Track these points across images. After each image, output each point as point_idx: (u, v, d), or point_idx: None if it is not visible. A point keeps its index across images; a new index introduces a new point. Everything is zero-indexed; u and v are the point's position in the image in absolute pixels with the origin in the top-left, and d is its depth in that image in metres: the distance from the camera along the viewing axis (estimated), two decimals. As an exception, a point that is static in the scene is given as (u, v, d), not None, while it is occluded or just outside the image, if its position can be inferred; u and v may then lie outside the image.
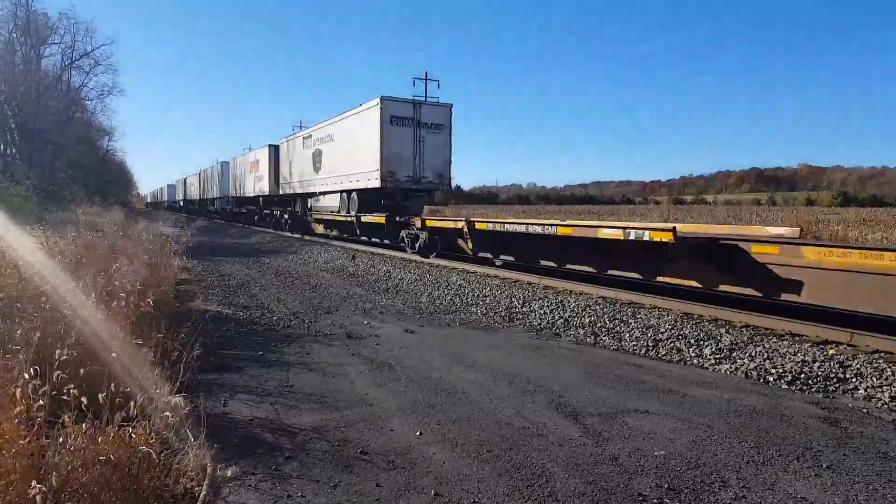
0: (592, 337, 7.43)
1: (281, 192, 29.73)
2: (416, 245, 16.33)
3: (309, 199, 26.47)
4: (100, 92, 48.34)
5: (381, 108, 17.74)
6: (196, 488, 3.36)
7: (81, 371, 3.59)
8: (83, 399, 3.17)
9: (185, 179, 65.62)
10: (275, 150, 30.46)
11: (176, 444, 3.68)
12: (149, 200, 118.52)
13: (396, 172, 17.95)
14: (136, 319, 5.45)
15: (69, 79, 46.19)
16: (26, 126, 39.69)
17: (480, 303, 9.76)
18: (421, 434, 4.24)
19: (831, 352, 6.36)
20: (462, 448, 4.01)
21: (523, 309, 9.16)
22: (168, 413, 3.59)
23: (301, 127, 30.02)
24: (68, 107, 45.09)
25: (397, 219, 17.48)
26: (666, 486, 3.47)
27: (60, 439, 3.09)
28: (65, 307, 5.12)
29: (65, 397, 3.22)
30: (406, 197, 18.81)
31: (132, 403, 3.39)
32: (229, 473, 3.58)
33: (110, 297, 5.62)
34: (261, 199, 33.69)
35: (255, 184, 33.58)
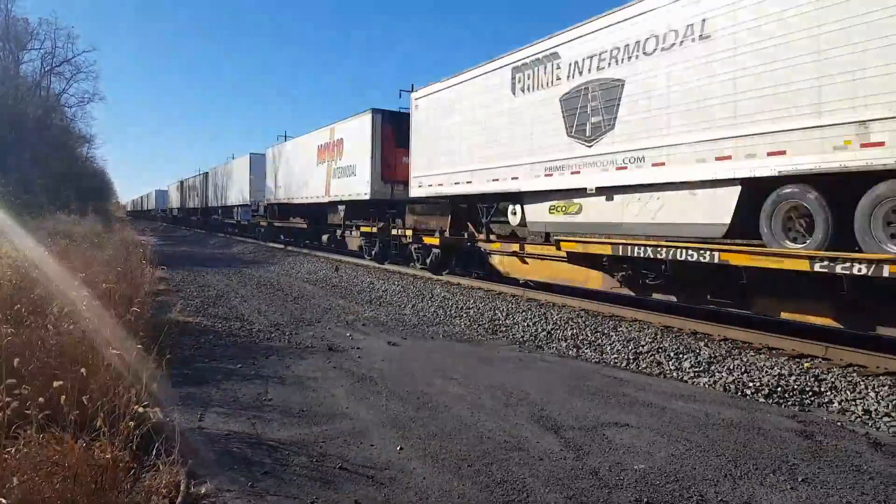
0: (575, 349, 7.46)
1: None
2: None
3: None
4: (80, 99, 47.82)
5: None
6: (169, 506, 3.30)
7: (55, 384, 3.52)
8: (46, 412, 3.11)
9: (182, 182, 55.17)
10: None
11: (148, 460, 3.61)
12: (130, 209, 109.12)
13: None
14: (108, 331, 5.35)
15: (48, 85, 45.67)
16: (3, 132, 39.06)
17: (464, 315, 9.75)
18: (402, 449, 4.22)
19: (807, 365, 6.45)
20: (443, 463, 3.99)
21: (507, 321, 9.17)
22: (140, 427, 3.53)
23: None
24: (47, 113, 44.46)
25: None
26: (645, 500, 3.49)
27: (21, 450, 3.02)
28: (34, 315, 5.04)
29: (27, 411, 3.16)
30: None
31: (100, 416, 3.33)
32: (203, 490, 3.52)
33: (80, 305, 5.53)
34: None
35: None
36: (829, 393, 5.62)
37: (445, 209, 15.54)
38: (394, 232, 17.12)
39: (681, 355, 6.90)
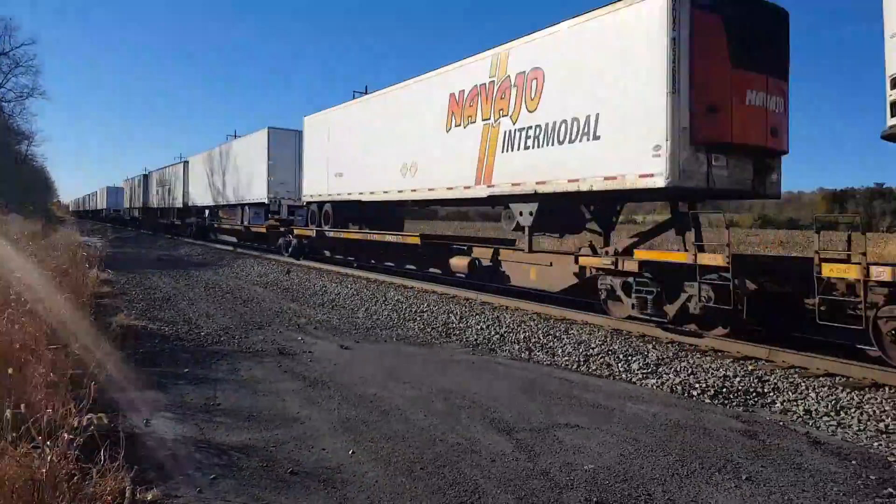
0: (527, 352, 7.53)
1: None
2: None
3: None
4: (19, 94, 45.85)
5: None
6: (113, 513, 3.17)
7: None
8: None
9: (146, 176, 43.44)
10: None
11: (92, 467, 3.47)
12: (73, 208, 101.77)
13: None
14: (45, 332, 5.13)
15: (-16, 79, 43.61)
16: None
17: (418, 318, 9.73)
18: (353, 452, 4.16)
19: (751, 367, 6.67)
20: (395, 466, 3.96)
21: (460, 325, 9.19)
22: (83, 433, 3.39)
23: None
24: (-17, 108, 42.48)
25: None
26: (595, 499, 3.53)
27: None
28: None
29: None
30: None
31: (40, 422, 3.18)
32: (150, 497, 3.40)
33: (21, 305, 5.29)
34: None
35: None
36: (771, 394, 5.83)
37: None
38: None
39: (630, 357, 7.04)
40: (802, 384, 6.03)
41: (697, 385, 6.03)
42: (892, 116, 6.16)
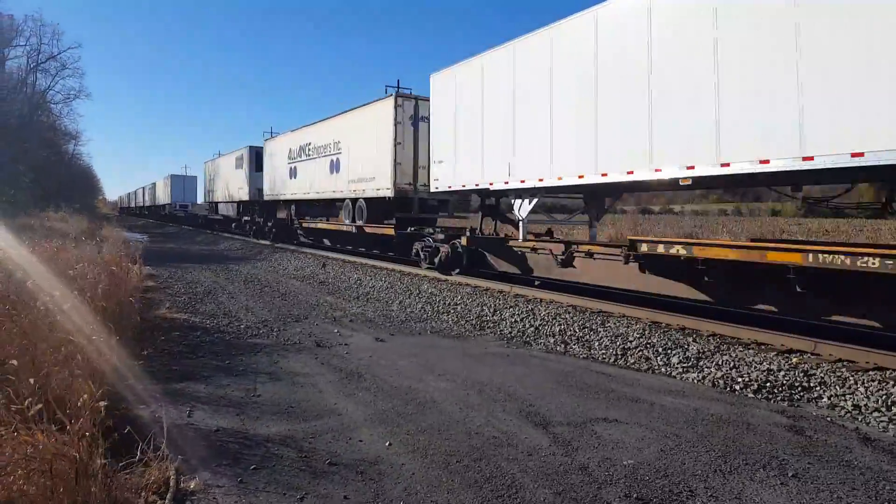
0: (563, 345, 7.46)
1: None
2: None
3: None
4: (66, 95, 47.32)
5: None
6: (158, 502, 3.25)
7: (30, 379, 3.47)
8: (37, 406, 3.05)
9: (250, 149, 29.81)
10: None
11: (136, 456, 3.56)
12: (123, 205, 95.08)
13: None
14: (94, 328, 5.28)
15: (34, 82, 45.14)
16: (-12, 129, 38.60)
17: (451, 311, 9.73)
18: (390, 444, 4.18)
19: (795, 360, 6.48)
20: (431, 458, 3.97)
21: (494, 317, 9.15)
22: (136, 422, 3.49)
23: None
24: (33, 110, 43.98)
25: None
26: (635, 495, 3.48)
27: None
28: (25, 311, 4.95)
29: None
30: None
31: (87, 412, 3.28)
32: (193, 486, 3.48)
33: (74, 302, 5.45)
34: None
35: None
36: (818, 388, 5.65)
37: None
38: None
39: (669, 351, 6.91)
40: (851, 378, 5.83)
41: (740, 379, 5.88)
42: None
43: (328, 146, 21.05)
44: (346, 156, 19.70)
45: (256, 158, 29.29)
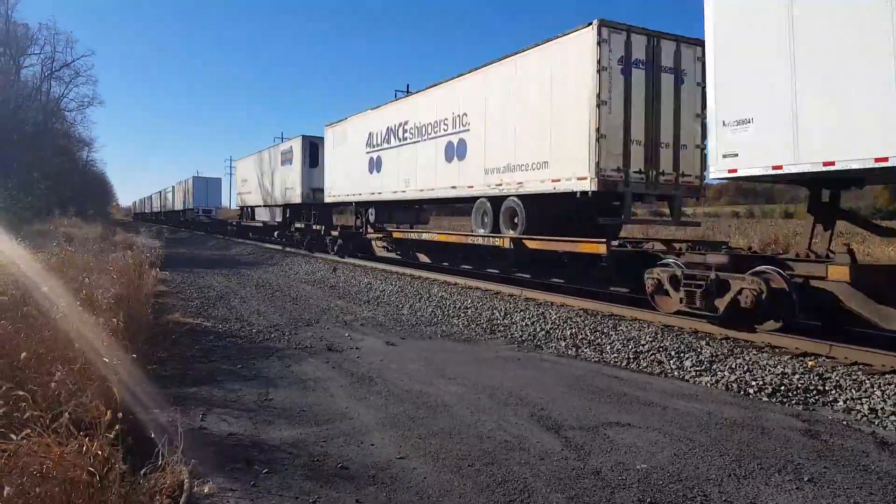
0: (574, 349, 7.43)
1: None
2: None
3: None
4: (79, 103, 47.91)
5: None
6: (171, 506, 3.27)
7: (51, 385, 3.50)
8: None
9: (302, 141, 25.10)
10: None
11: (151, 461, 3.59)
12: (141, 210, 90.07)
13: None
14: (110, 332, 5.33)
15: (48, 89, 45.76)
16: (4, 137, 39.08)
17: (462, 315, 9.72)
18: (401, 449, 4.18)
19: (811, 364, 6.41)
20: (443, 462, 3.96)
21: (504, 321, 9.14)
22: (149, 427, 3.51)
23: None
24: (47, 118, 44.54)
25: None
26: (648, 500, 3.45)
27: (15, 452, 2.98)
28: (41, 317, 5.01)
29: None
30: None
31: (104, 416, 3.30)
32: (206, 490, 3.50)
33: (87, 308, 5.51)
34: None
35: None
36: (833, 392, 5.58)
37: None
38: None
39: (682, 354, 6.86)
40: (867, 382, 5.75)
41: (754, 383, 5.82)
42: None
43: (442, 123, 14.79)
44: (480, 134, 13.37)
45: (311, 152, 24.35)
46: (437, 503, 3.42)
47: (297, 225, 25.79)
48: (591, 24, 10.21)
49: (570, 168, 10.69)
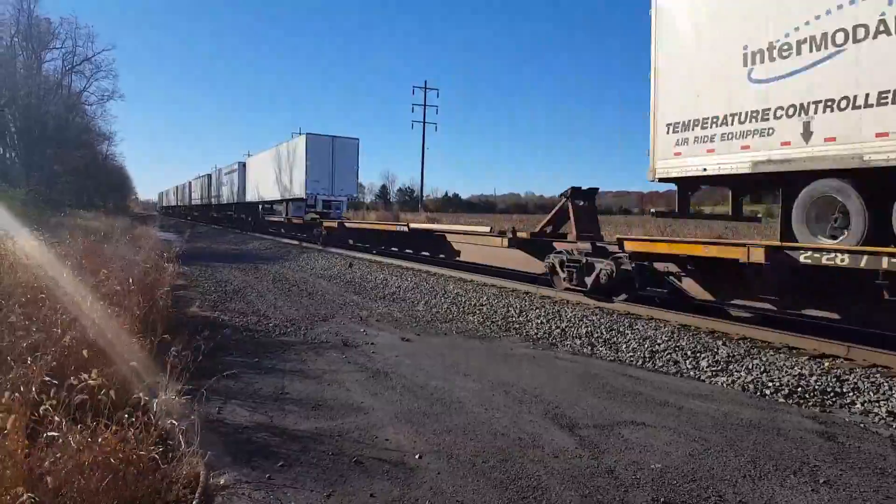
0: (589, 347, 7.41)
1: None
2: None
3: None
4: (100, 97, 48.44)
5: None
6: (189, 496, 3.33)
7: (79, 374, 3.56)
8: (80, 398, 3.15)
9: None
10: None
11: (169, 451, 3.65)
12: (168, 203, 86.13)
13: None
14: (132, 324, 5.42)
15: (69, 84, 46.32)
16: (26, 131, 39.72)
17: (477, 311, 9.73)
18: (415, 444, 4.21)
19: (828, 365, 6.35)
20: (457, 459, 3.98)
21: (520, 318, 9.14)
22: (167, 418, 3.58)
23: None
24: (68, 111, 45.13)
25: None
26: (662, 499, 3.45)
27: (57, 441, 3.06)
28: (64, 308, 5.11)
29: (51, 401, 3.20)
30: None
31: (130, 407, 3.37)
32: (222, 481, 3.55)
33: (108, 300, 5.60)
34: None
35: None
36: (851, 394, 5.53)
37: None
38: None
39: (698, 354, 6.83)
40: (885, 384, 5.69)
41: (771, 384, 5.78)
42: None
43: None
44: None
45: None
46: (451, 498, 3.44)
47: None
48: None
49: None
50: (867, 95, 6.89)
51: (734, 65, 8.31)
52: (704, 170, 8.84)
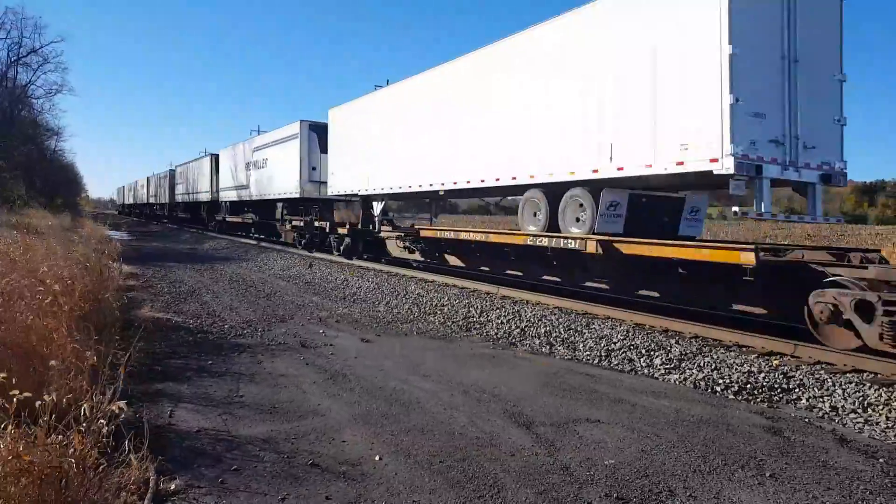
0: (548, 347, 7.49)
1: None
2: None
3: None
4: (48, 90, 46.65)
5: None
6: (137, 502, 3.23)
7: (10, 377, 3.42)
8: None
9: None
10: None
11: (118, 457, 3.54)
12: (125, 201, 77.53)
13: None
14: (72, 324, 5.22)
15: (15, 76, 44.48)
16: (-32, 124, 38.01)
17: (438, 312, 9.74)
18: (373, 445, 4.19)
19: (776, 363, 6.56)
20: (415, 459, 3.97)
21: (480, 318, 9.18)
22: (113, 423, 3.45)
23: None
24: (13, 105, 43.36)
25: None
26: (615, 495, 3.51)
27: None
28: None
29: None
30: None
31: (69, 410, 3.25)
32: (173, 486, 3.46)
33: (43, 298, 5.37)
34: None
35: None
36: (797, 390, 5.72)
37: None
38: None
39: (652, 352, 6.97)
40: (829, 380, 5.91)
41: (721, 381, 5.94)
42: None
43: None
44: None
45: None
46: (407, 499, 3.43)
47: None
48: None
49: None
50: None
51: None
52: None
